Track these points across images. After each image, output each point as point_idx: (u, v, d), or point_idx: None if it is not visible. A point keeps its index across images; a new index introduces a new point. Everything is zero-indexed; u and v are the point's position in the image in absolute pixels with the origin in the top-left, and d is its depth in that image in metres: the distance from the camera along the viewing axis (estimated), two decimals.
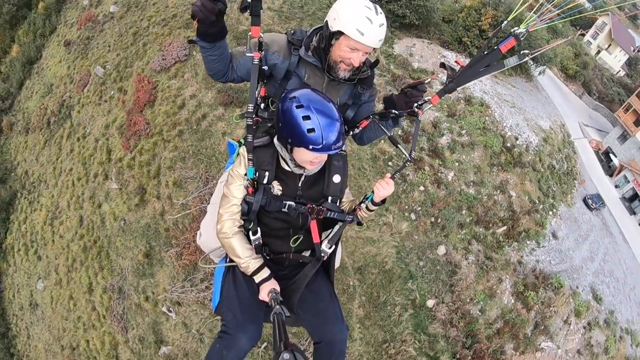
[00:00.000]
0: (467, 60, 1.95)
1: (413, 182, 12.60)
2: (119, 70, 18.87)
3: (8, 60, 27.02)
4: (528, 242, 13.06)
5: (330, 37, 1.90)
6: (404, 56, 15.77)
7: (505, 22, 1.78)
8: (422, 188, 12.57)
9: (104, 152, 15.76)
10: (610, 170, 26.48)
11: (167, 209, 12.57)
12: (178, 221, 12.10)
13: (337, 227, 2.08)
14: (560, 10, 1.79)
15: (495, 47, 1.79)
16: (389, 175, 2.02)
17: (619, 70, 42.84)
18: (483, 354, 10.60)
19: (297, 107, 1.67)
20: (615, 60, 44.83)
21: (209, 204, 2.53)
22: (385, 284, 10.75)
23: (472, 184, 13.32)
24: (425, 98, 2.03)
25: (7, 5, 29.72)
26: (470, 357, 10.47)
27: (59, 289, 14.62)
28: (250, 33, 1.72)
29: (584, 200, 18.16)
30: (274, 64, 1.99)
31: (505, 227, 12.91)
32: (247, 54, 1.82)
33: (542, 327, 11.60)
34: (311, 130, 1.65)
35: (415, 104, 2.05)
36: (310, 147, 1.68)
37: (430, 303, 10.87)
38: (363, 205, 2.09)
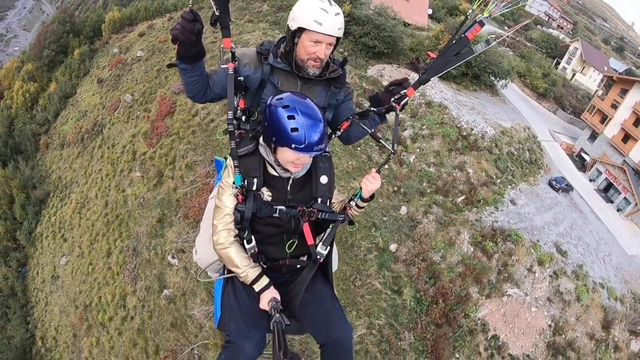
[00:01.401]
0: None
1: (378, 162, 15.91)
2: (145, 96, 23.43)
3: (46, 95, 31.99)
4: (487, 208, 15.26)
5: (292, 37, 2.01)
6: (375, 77, 20.19)
7: (470, 10, 1.98)
8: (386, 166, 15.71)
9: (129, 153, 19.57)
10: (583, 167, 29.57)
11: (179, 186, 16.01)
12: (187, 193, 15.49)
13: (329, 228, 2.10)
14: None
15: (463, 35, 1.92)
16: (374, 170, 2.07)
17: (597, 90, 45.71)
18: (447, 293, 12.19)
19: (283, 107, 1.72)
20: (590, 81, 48.69)
21: (201, 220, 2.53)
22: (352, 232, 13.36)
23: (432, 164, 16.47)
24: (402, 92, 2.11)
25: (47, 50, 35.74)
26: (432, 292, 12.27)
27: (80, 260, 17.41)
28: (221, 45, 1.80)
29: (549, 183, 20.70)
30: (247, 76, 2.07)
31: (464, 197, 15.29)
32: (222, 66, 1.92)
33: (506, 275, 13.42)
34: (295, 129, 1.69)
35: (393, 99, 2.14)
36: (293, 146, 1.71)
37: (393, 247, 13.12)
38: (353, 203, 2.12)
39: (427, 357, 11.50)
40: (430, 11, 28.50)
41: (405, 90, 2.11)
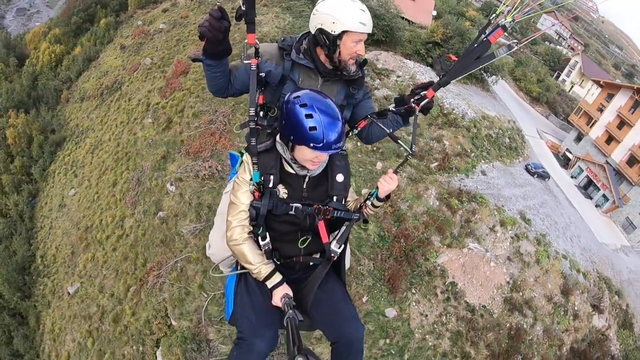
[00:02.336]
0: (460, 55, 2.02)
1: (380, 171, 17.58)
2: (163, 61, 25.52)
3: (71, 57, 34.28)
4: (458, 174, 16.68)
5: (334, 40, 2.00)
6: (372, 59, 22.07)
7: (494, 15, 1.91)
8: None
9: (144, 105, 21.52)
10: (566, 165, 31.28)
11: (184, 130, 17.85)
12: (191, 136, 17.31)
13: (344, 226, 2.11)
14: (538, 3, 1.86)
15: (485, 38, 1.88)
16: (391, 170, 2.09)
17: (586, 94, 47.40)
18: (410, 235, 13.39)
19: (301, 105, 1.73)
20: (589, 94, 50.67)
21: (215, 214, 2.50)
22: None
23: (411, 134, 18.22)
24: (422, 93, 2.13)
25: (75, 17, 38.25)
26: (395, 231, 13.54)
27: (88, 190, 19.23)
28: (246, 41, 1.80)
29: (525, 167, 22.13)
30: (268, 71, 2.08)
31: (437, 163, 16.87)
32: (245, 61, 1.92)
33: (468, 230, 14.71)
34: (313, 128, 1.70)
35: (412, 99, 2.16)
36: (312, 144, 1.72)
37: (364, 191, 14.73)
38: (368, 203, 2.12)
39: (384, 285, 13.01)
40: (434, 13, 30.47)
41: (425, 92, 2.12)
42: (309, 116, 1.71)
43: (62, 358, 14.90)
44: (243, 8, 1.64)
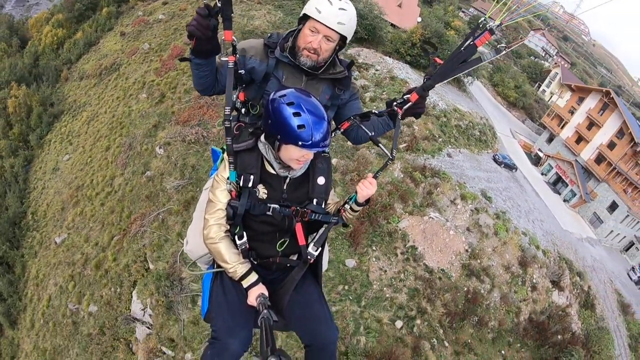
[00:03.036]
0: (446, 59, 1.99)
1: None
2: (160, 46, 27.08)
3: (72, 40, 35.68)
4: (424, 155, 18.06)
5: (298, 24, 2.05)
6: (353, 55, 23.91)
7: (483, 18, 1.90)
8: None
9: (140, 83, 22.98)
10: (537, 163, 33.10)
11: (176, 104, 19.34)
12: (182, 108, 18.80)
13: (322, 229, 2.10)
14: (527, 8, 1.85)
15: (471, 42, 1.87)
16: (370, 175, 2.09)
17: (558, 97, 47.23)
18: (373, 200, 14.13)
19: (288, 104, 1.72)
20: (562, 100, 52.58)
21: (194, 211, 2.44)
22: None
23: None
24: (405, 97, 2.16)
25: (78, 4, 39.77)
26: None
27: (81, 155, 20.48)
28: (222, 38, 1.75)
29: (493, 157, 23.71)
30: (252, 68, 2.04)
31: (406, 144, 18.55)
32: (222, 59, 1.84)
33: (430, 201, 15.89)
34: (301, 126, 1.70)
35: (395, 103, 2.18)
36: (300, 143, 1.71)
37: (334, 161, 16.20)
38: (347, 206, 2.11)
39: (346, 239, 14.40)
40: (419, 19, 32.62)
41: (408, 95, 2.13)
42: (297, 114, 1.71)
43: (43, 301, 15.95)
44: (219, 5, 1.62)
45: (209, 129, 17.06)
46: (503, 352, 14.62)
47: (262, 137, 1.92)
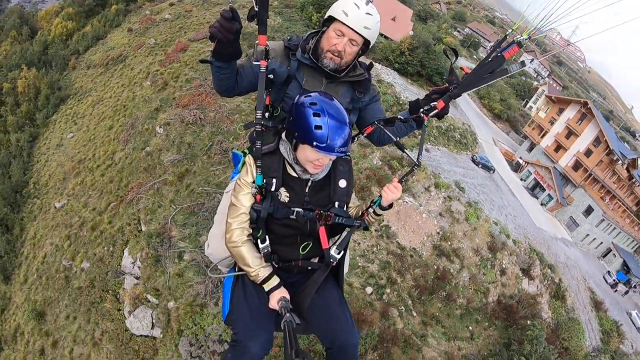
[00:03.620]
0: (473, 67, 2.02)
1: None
2: (166, 42, 29.07)
3: (81, 33, 37.58)
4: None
5: (322, 26, 2.06)
6: None
7: (510, 30, 1.95)
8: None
9: (145, 72, 24.79)
10: (517, 170, 35.23)
11: (177, 91, 21.13)
12: (182, 95, 20.58)
13: (345, 232, 2.10)
14: (555, 24, 1.81)
15: (499, 53, 1.90)
16: (396, 179, 2.08)
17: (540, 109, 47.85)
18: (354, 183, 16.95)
19: (311, 104, 1.76)
20: (543, 112, 53.43)
21: (215, 214, 2.48)
22: None
23: None
24: (432, 104, 2.15)
25: (88, 0, 41.93)
26: None
27: (85, 133, 22.01)
28: (257, 42, 1.79)
29: (471, 158, 25.50)
30: (272, 70, 2.03)
31: None
32: (254, 62, 1.88)
33: (405, 187, 17.18)
34: (318, 127, 1.71)
35: (421, 109, 2.18)
36: (315, 143, 1.72)
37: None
38: (370, 210, 2.10)
39: None
40: (411, 32, 35.18)
41: (435, 103, 2.14)
42: (317, 115, 1.73)
43: (38, 258, 17.19)
44: (256, 9, 1.64)
45: (206, 112, 18.82)
46: (470, 328, 15.94)
47: (284, 135, 1.94)
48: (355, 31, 1.93)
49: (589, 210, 32.29)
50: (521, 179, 34.39)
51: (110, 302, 14.04)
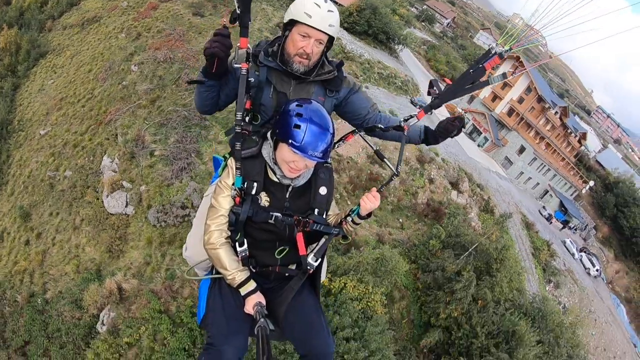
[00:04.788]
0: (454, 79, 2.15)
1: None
2: (138, 3, 31.30)
3: (56, 0, 38.99)
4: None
5: (284, 30, 2.02)
6: None
7: (495, 43, 1.99)
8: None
9: (119, 28, 27.16)
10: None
11: (150, 39, 23.77)
12: (154, 42, 23.24)
13: (323, 240, 2.11)
14: (534, 36, 1.91)
15: (480, 65, 1.97)
16: (375, 189, 2.07)
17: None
18: None
19: (297, 106, 1.80)
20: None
21: (194, 217, 2.49)
22: None
23: None
24: (412, 113, 2.23)
25: None
26: None
27: (65, 78, 24.25)
28: (238, 44, 1.80)
29: (410, 100, 29.12)
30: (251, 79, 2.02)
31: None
32: (235, 65, 1.88)
33: None
34: (297, 126, 1.74)
35: (402, 119, 2.26)
36: (290, 141, 1.74)
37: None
38: (349, 219, 2.13)
39: None
40: None
41: (416, 113, 2.22)
42: (299, 115, 1.76)
43: (25, 173, 19.54)
44: (238, 11, 1.66)
45: (175, 53, 21.63)
46: (401, 220, 19.20)
47: (268, 134, 1.96)
48: (321, 31, 1.93)
49: (521, 150, 37.80)
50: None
51: (90, 194, 16.77)
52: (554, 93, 47.59)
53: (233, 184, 1.94)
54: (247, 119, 2.04)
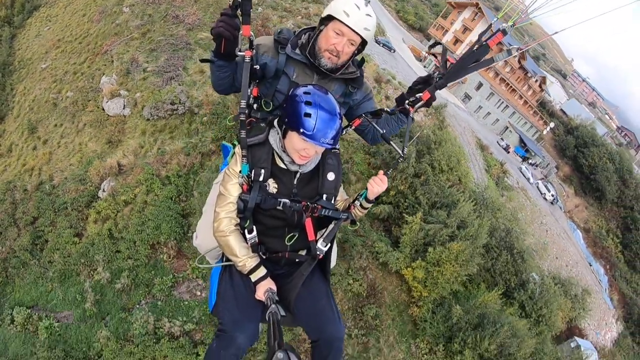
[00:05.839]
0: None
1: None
2: None
3: None
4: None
5: (319, 25, 2.06)
6: None
7: (495, 19, 1.99)
8: None
9: None
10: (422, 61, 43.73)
11: None
12: None
13: (332, 225, 2.14)
14: (538, 8, 1.84)
15: (484, 42, 1.94)
16: (382, 172, 2.11)
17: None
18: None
19: (305, 93, 1.81)
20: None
21: (204, 204, 2.52)
22: None
23: None
24: (417, 95, 2.20)
25: None
26: None
27: (60, 25, 26.59)
28: (240, 32, 1.80)
29: (375, 39, 31.94)
30: (264, 64, 2.06)
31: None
32: (239, 53, 1.90)
33: None
34: (307, 114, 1.75)
35: (407, 101, 2.24)
36: (301, 130, 1.76)
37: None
38: (357, 203, 2.17)
39: None
40: None
41: (420, 94, 2.18)
42: (308, 103, 1.77)
43: (29, 99, 21.89)
44: (239, 0, 1.66)
45: None
46: None
47: (275, 122, 1.99)
48: (356, 32, 1.96)
49: (479, 86, 41.98)
50: (424, 67, 42.79)
51: (91, 106, 19.29)
52: (513, 38, 51.20)
53: (240, 172, 1.96)
54: (254, 106, 2.11)
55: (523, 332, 14.03)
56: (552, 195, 35.20)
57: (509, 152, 38.64)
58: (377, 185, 2.08)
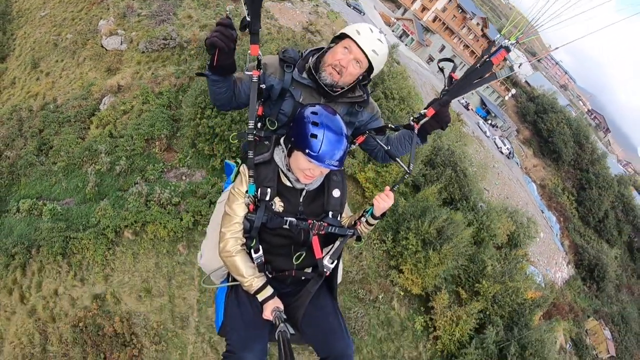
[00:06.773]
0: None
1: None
2: None
3: None
4: None
5: (330, 42, 2.14)
6: None
7: (498, 35, 2.01)
8: None
9: None
10: (390, 25, 47.50)
11: None
12: None
13: (338, 242, 2.13)
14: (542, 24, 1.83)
15: (488, 59, 1.96)
16: (388, 188, 2.10)
17: None
18: None
19: (312, 113, 1.82)
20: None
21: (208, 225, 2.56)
22: None
23: None
24: (421, 111, 2.20)
25: None
26: None
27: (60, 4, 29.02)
28: (249, 52, 1.81)
29: (346, 2, 35.89)
30: (271, 85, 2.09)
31: None
32: (246, 72, 1.93)
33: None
34: (314, 135, 1.75)
35: (412, 117, 2.23)
36: (307, 151, 1.76)
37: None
38: (363, 220, 2.16)
39: None
40: None
41: (425, 110, 2.18)
42: (315, 124, 1.77)
43: (30, 42, 24.29)
44: (248, 19, 1.65)
45: None
46: None
47: (282, 140, 2.01)
48: (363, 51, 1.99)
49: (442, 49, 47.03)
50: (393, 31, 46.56)
51: (90, 43, 22.05)
52: (478, 8, 56.01)
53: (246, 192, 1.96)
54: (258, 124, 2.13)
55: (461, 223, 15.79)
56: (508, 149, 36.93)
57: (468, 110, 40.92)
58: (384, 201, 2.08)
